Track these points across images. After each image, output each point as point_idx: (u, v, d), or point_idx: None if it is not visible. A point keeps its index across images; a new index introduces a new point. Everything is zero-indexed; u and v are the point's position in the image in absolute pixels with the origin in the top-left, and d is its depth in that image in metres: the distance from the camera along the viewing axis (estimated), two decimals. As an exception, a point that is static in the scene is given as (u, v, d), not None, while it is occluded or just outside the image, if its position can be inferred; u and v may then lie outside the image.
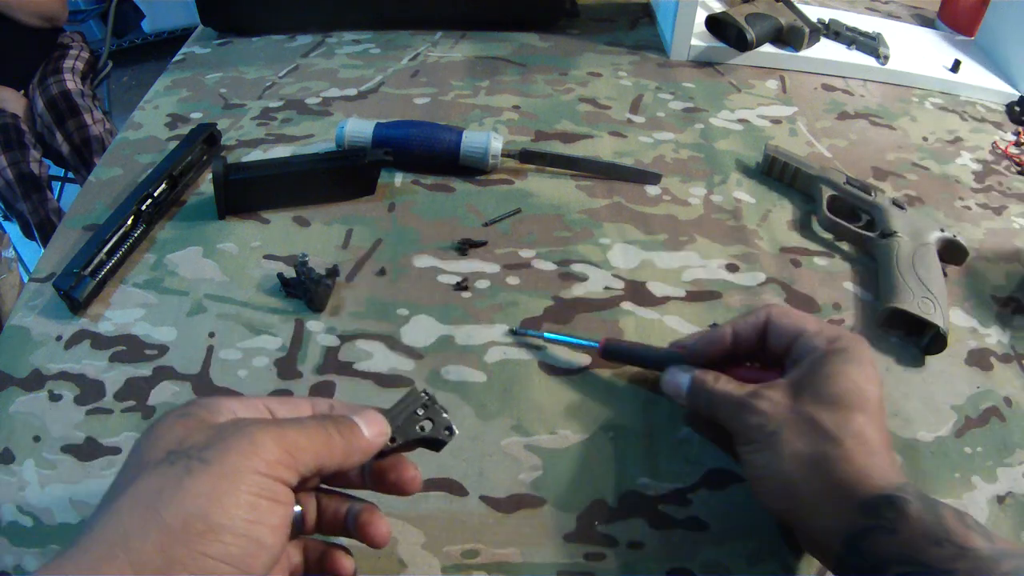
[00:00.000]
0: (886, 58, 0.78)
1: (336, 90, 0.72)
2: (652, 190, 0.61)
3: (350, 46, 0.79)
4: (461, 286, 0.51)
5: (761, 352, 0.40)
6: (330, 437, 0.29)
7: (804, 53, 0.78)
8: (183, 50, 0.80)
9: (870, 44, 0.79)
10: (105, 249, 0.50)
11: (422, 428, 0.34)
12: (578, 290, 0.52)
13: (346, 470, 0.30)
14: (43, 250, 0.56)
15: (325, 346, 0.47)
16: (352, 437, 0.30)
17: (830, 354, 0.35)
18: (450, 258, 0.54)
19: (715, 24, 0.79)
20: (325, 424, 0.29)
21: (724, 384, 0.38)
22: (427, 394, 0.34)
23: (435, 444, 0.34)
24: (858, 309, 0.52)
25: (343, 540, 0.33)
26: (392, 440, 0.32)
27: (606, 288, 0.52)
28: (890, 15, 0.93)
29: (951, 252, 0.55)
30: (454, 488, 0.40)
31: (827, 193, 0.58)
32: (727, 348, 0.40)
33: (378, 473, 0.33)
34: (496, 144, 0.60)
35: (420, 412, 0.34)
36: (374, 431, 0.31)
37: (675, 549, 0.38)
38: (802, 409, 0.34)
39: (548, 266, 0.53)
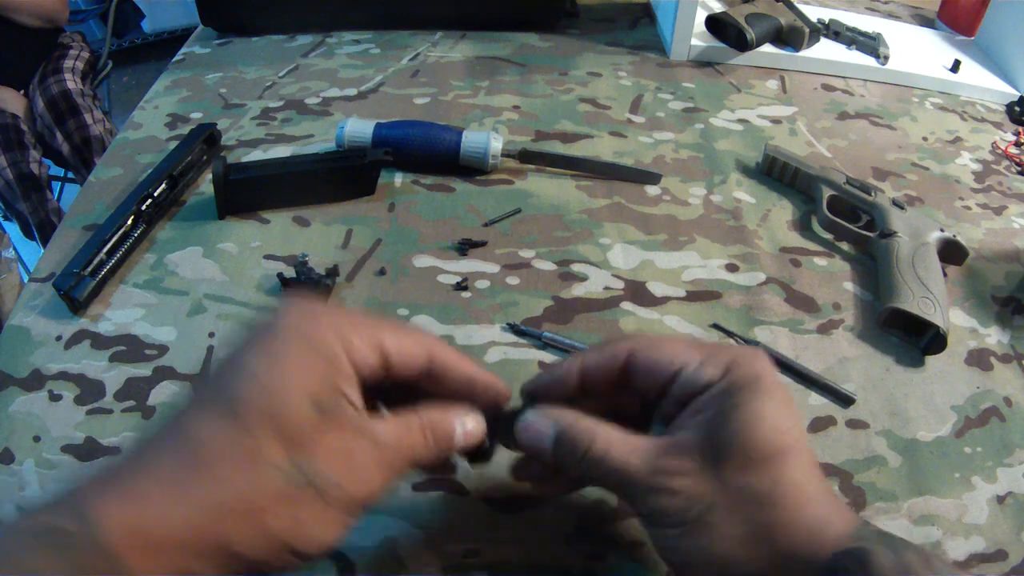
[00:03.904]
0: (886, 58, 0.78)
1: (336, 90, 0.72)
2: (652, 190, 0.61)
3: (350, 46, 0.79)
4: (461, 286, 0.51)
5: (619, 395, 0.33)
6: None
7: (804, 53, 0.79)
8: (183, 50, 0.80)
9: (870, 44, 0.79)
10: (105, 249, 0.50)
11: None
12: (578, 290, 0.52)
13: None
14: (43, 250, 0.56)
15: (325, 346, 0.47)
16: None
17: (736, 392, 0.29)
18: (450, 258, 0.54)
19: (715, 24, 0.79)
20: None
21: (616, 451, 0.29)
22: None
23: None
24: (858, 309, 0.52)
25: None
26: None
27: (606, 288, 0.52)
28: (890, 15, 0.93)
29: (951, 252, 0.55)
30: (454, 488, 0.40)
31: (827, 193, 0.58)
32: (572, 391, 0.32)
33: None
34: (496, 144, 0.60)
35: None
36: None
37: (675, 549, 0.38)
38: (728, 479, 0.28)
39: (548, 266, 0.53)
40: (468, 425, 0.31)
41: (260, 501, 0.24)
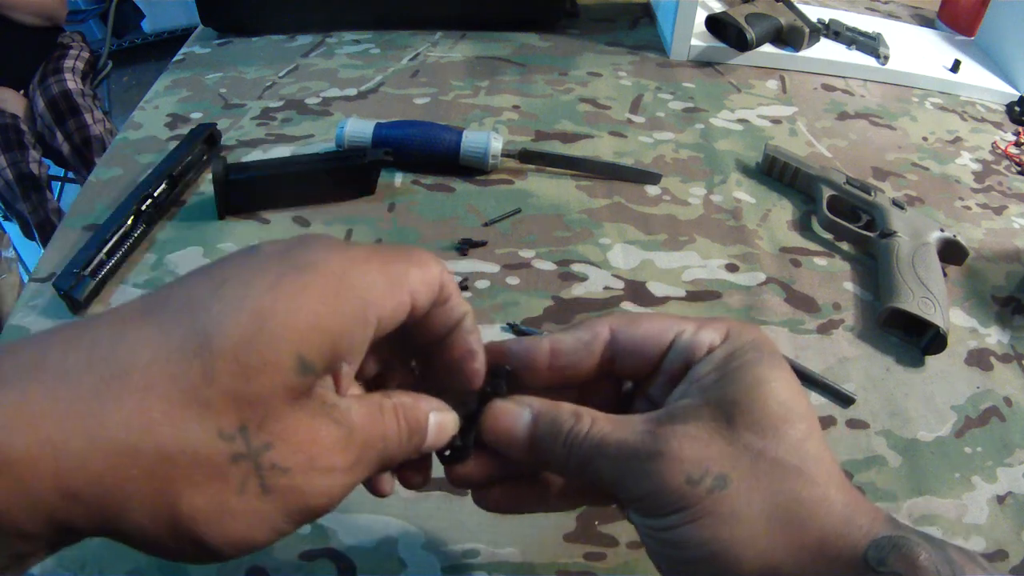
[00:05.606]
0: (886, 58, 0.78)
1: (336, 90, 0.72)
2: (652, 190, 0.61)
3: (350, 46, 0.79)
4: (461, 286, 0.51)
5: (593, 385, 0.29)
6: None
7: (804, 53, 0.79)
8: (183, 50, 0.80)
9: (870, 44, 0.79)
10: (105, 249, 0.50)
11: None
12: (578, 290, 0.52)
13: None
14: (43, 250, 0.56)
15: (325, 346, 0.47)
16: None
17: (741, 354, 0.25)
18: (450, 258, 0.54)
19: (715, 24, 0.79)
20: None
21: (605, 425, 0.25)
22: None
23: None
24: (858, 309, 0.52)
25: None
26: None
27: (606, 288, 0.52)
28: (890, 15, 0.93)
29: (951, 252, 0.55)
30: (454, 488, 0.40)
31: (827, 193, 0.58)
32: (541, 378, 0.28)
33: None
34: (496, 144, 0.60)
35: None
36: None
37: (675, 549, 0.38)
38: (745, 442, 0.23)
39: (548, 266, 0.53)
40: (444, 415, 0.26)
41: (181, 461, 0.19)
